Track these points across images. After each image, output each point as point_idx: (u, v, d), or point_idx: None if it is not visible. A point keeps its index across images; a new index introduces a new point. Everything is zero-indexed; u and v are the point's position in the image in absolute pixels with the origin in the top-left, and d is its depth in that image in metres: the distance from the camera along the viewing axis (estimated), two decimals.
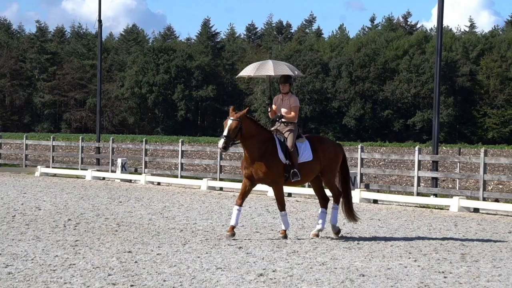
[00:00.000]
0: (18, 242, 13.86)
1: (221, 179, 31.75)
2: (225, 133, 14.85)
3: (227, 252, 13.37)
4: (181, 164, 34.32)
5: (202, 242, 14.63)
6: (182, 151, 34.63)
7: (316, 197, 16.68)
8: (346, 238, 15.71)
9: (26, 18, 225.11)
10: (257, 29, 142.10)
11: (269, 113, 15.88)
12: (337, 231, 15.89)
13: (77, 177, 35.08)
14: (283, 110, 15.61)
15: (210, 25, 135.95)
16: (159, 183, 31.85)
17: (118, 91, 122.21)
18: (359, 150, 28.09)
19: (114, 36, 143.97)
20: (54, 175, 36.15)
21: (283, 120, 15.57)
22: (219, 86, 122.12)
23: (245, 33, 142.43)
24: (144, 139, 36.50)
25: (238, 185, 30.14)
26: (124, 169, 34.50)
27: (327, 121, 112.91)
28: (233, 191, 28.72)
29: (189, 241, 14.72)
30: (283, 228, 15.46)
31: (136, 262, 12.09)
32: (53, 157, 40.29)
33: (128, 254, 12.90)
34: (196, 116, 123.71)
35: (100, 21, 40.30)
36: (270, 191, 27.36)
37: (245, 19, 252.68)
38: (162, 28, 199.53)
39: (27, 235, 14.94)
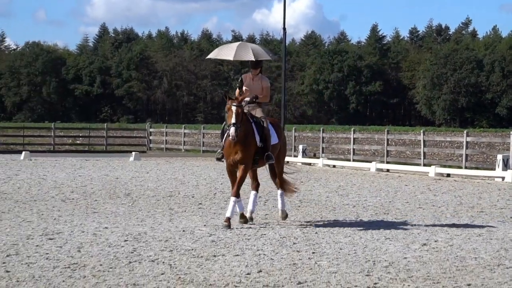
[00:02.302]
0: (219, 216, 14.15)
1: (387, 162, 31.44)
2: (233, 120, 12.50)
3: (394, 225, 13.23)
4: (353, 149, 34.26)
5: (372, 216, 14.54)
6: (354, 138, 34.58)
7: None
8: (500, 213, 15.19)
9: (223, 28, 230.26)
10: (419, 32, 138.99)
11: (238, 92, 13.21)
12: (285, 215, 13.69)
13: None
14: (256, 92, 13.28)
15: (378, 30, 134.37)
16: (334, 166, 31.86)
17: (299, 87, 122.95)
18: (511, 136, 27.14)
19: (296, 41, 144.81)
20: None
21: (255, 101, 13.17)
22: (385, 82, 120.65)
23: (408, 35, 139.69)
24: (321, 129, 36.61)
25: (403, 167, 29.78)
26: (304, 154, 34.74)
27: (481, 110, 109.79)
28: (398, 173, 28.36)
29: (361, 215, 14.67)
30: (227, 215, 12.74)
31: (316, 233, 12.14)
32: None
33: (309, 226, 12.99)
34: (365, 108, 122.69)
35: (284, 28, 40.62)
36: (431, 171, 26.83)
37: (409, 23, 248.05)
38: (336, 33, 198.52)
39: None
